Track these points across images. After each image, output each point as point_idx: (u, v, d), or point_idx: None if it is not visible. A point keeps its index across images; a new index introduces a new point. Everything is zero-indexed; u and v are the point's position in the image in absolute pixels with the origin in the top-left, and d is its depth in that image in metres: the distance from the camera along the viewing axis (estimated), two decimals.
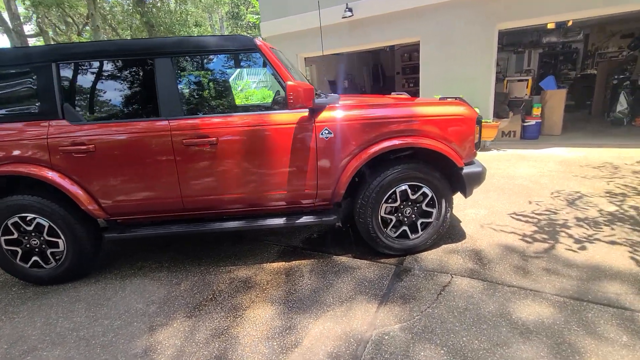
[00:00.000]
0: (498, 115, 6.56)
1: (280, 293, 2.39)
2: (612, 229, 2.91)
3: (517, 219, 3.24)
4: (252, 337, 1.99)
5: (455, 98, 2.67)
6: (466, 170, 2.61)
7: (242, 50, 2.52)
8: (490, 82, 6.06)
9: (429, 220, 2.72)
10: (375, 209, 2.61)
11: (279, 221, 2.65)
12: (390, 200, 2.64)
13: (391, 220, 2.68)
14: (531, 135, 6.63)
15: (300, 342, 1.92)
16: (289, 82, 2.24)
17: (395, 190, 2.60)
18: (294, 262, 2.80)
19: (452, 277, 2.40)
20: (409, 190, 2.62)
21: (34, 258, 2.62)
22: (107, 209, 2.59)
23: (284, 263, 2.79)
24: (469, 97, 6.27)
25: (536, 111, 6.54)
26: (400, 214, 2.68)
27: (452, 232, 3.10)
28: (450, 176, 2.67)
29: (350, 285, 2.41)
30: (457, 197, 2.85)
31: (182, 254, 3.07)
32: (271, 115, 2.51)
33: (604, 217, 3.14)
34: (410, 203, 2.67)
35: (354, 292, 2.32)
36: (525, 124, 6.61)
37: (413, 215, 2.70)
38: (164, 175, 2.53)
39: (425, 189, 2.63)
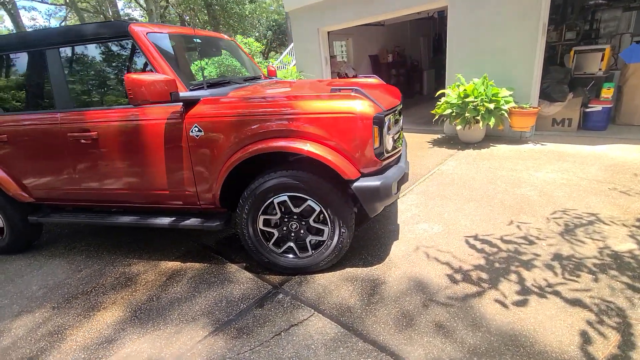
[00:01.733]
0: (550, 97, 5.11)
1: (144, 298, 2.29)
2: (595, 280, 2.01)
3: (471, 246, 2.49)
4: (73, 343, 1.95)
5: (352, 90, 2.05)
6: (358, 183, 2.04)
7: (115, 38, 2.33)
8: (533, 54, 4.68)
9: (321, 238, 2.26)
10: (253, 220, 2.26)
11: (165, 221, 2.51)
12: (269, 212, 2.25)
13: (273, 234, 2.30)
14: (595, 125, 5.03)
15: None
16: (132, 75, 1.98)
17: (273, 201, 2.20)
18: (188, 264, 2.66)
19: (314, 314, 1.96)
20: (289, 202, 2.19)
21: None
22: (31, 193, 2.80)
23: (178, 264, 2.68)
24: (501, 72, 5.01)
25: (606, 93, 4.88)
26: (284, 228, 2.28)
27: (376, 250, 2.55)
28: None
29: (209, 302, 2.18)
30: (417, 207, 2.28)
31: (113, 240, 3.20)
32: (145, 109, 2.31)
33: (599, 259, 2.19)
34: (296, 217, 2.24)
35: (203, 312, 2.09)
36: (588, 109, 5.02)
37: (301, 231, 2.27)
38: (61, 166, 2.60)
39: (311, 202, 2.16)
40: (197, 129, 2.20)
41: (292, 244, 2.30)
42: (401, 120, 2.65)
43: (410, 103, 9.19)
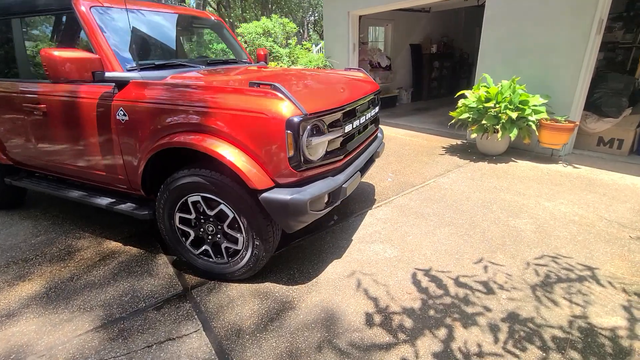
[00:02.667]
0: (600, 110, 4.22)
1: (67, 276, 2.30)
2: (541, 354, 1.56)
3: (416, 282, 2.11)
4: None
5: (271, 86, 1.73)
6: (267, 194, 1.78)
7: (61, 10, 2.26)
8: (582, 56, 3.84)
9: (236, 247, 2.05)
10: (169, 216, 2.12)
11: (104, 202, 2.48)
12: (185, 210, 2.08)
13: (189, 233, 2.14)
14: None
15: None
16: (48, 50, 1.88)
17: (187, 200, 2.03)
18: (127, 247, 2.63)
19: (199, 330, 1.79)
20: (202, 204, 2.00)
21: None
22: (8, 156, 2.95)
23: (119, 245, 2.66)
24: (539, 76, 4.21)
25: None
26: (201, 229, 2.11)
27: (309, 267, 2.28)
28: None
29: (117, 293, 2.11)
30: (384, 223, 2.00)
31: (83, 212, 3.29)
32: (82, 87, 2.24)
33: (565, 331, 1.70)
34: (212, 219, 2.05)
35: (104, 303, 2.02)
36: None
37: (218, 236, 2.08)
38: (24, 134, 2.67)
39: (224, 207, 1.95)
40: (122, 113, 2.08)
41: (208, 248, 2.13)
42: (361, 122, 2.30)
43: (448, 101, 8.36)
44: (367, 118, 2.45)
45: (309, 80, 2.46)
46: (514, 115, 3.80)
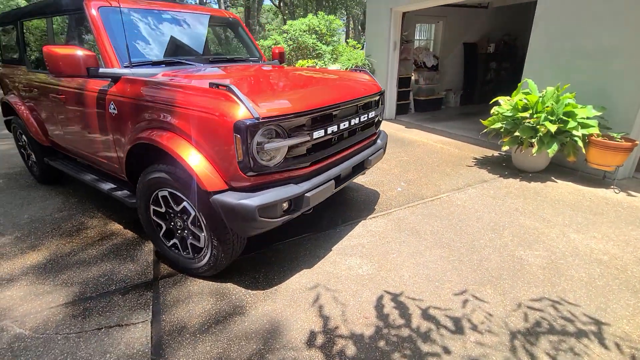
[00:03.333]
0: None
1: (67, 251, 2.54)
2: None
3: (379, 306, 1.93)
4: None
5: (226, 87, 1.66)
6: (217, 196, 1.75)
7: (76, 11, 2.47)
8: None
9: (199, 245, 2.07)
10: (145, 207, 2.22)
11: (106, 187, 2.70)
12: (157, 204, 2.16)
13: (162, 226, 2.21)
14: None
15: None
16: (49, 47, 2.07)
17: (158, 194, 2.10)
18: (126, 231, 2.83)
19: (147, 321, 1.84)
20: (169, 199, 2.05)
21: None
22: (47, 139, 3.37)
23: (120, 228, 2.87)
24: (595, 83, 3.57)
25: None
26: (171, 223, 2.17)
27: (276, 273, 2.23)
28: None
29: (98, 273, 2.27)
30: (372, 236, 1.94)
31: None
32: (88, 81, 2.43)
33: None
34: (179, 215, 2.09)
35: (83, 281, 2.19)
36: None
37: (185, 231, 2.12)
38: (53, 120, 3.02)
39: (186, 204, 1.98)
40: (112, 106, 2.23)
41: (177, 241, 2.20)
42: (343, 127, 2.16)
43: None
44: (353, 123, 2.30)
45: (290, 82, 2.38)
46: (553, 128, 3.28)
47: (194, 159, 1.76)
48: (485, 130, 4.07)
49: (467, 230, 2.72)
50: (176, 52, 2.73)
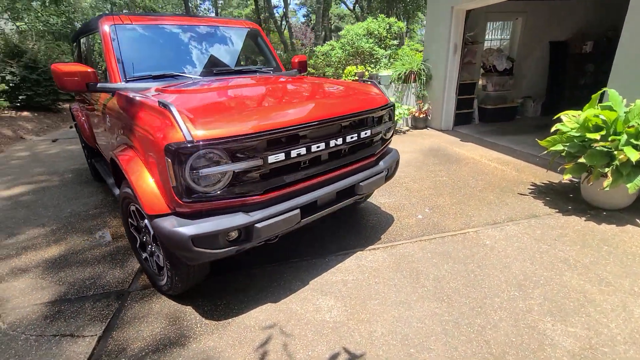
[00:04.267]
0: None
1: (82, 247, 2.78)
2: None
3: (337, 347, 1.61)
4: (33, 256, 2.64)
5: (166, 105, 1.51)
6: (156, 221, 1.65)
7: (96, 30, 2.65)
8: None
9: (160, 263, 2.02)
10: (125, 221, 2.27)
11: (116, 192, 2.86)
12: (131, 216, 2.17)
13: (136, 238, 2.23)
14: None
15: None
16: (55, 64, 2.24)
17: (129, 207, 2.11)
18: None
19: (95, 336, 1.84)
20: (137, 214, 2.04)
21: None
22: (94, 143, 3.80)
23: None
24: None
25: None
26: (144, 237, 2.16)
27: (236, 304, 2.06)
28: None
29: (88, 275, 2.41)
30: (361, 273, 1.78)
31: None
32: (100, 95, 2.61)
33: None
34: (144, 230, 2.07)
35: (73, 281, 2.34)
36: None
37: (151, 247, 2.10)
38: (90, 127, 3.37)
39: (147, 222, 1.94)
40: (107, 118, 2.34)
41: (147, 255, 2.19)
42: (318, 149, 1.90)
43: None
44: (335, 144, 2.00)
45: (267, 97, 2.17)
46: (635, 156, 2.43)
47: (141, 180, 1.70)
48: (544, 152, 3.27)
49: (483, 282, 2.17)
50: (183, 66, 2.77)
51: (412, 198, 3.47)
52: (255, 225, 1.71)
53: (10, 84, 7.57)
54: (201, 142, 1.52)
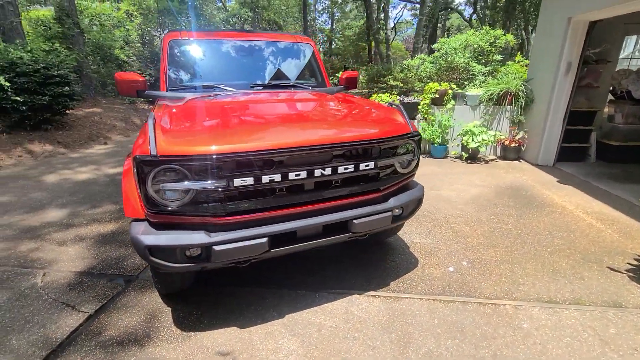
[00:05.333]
0: None
1: (124, 228, 3.22)
2: None
3: None
4: (69, 232, 3.21)
5: (149, 117, 1.51)
6: (132, 223, 1.73)
7: (165, 45, 3.01)
8: None
9: None
10: None
11: None
12: None
13: None
14: None
15: None
16: (120, 72, 2.61)
17: None
18: None
19: (86, 314, 2.05)
20: None
21: None
22: None
23: None
24: None
25: None
26: None
27: (208, 316, 2.05)
28: None
29: (114, 254, 2.75)
30: (336, 320, 1.79)
31: None
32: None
33: None
34: None
35: (98, 255, 2.71)
36: None
37: None
38: None
39: None
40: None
41: None
42: (297, 177, 1.74)
43: None
44: (321, 173, 1.79)
45: (268, 115, 2.11)
46: None
47: (128, 184, 1.82)
48: None
49: None
50: (227, 78, 2.93)
51: (454, 244, 2.92)
52: (213, 247, 1.66)
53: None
54: (162, 157, 1.55)
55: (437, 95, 5.81)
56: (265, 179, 1.69)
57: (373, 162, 1.93)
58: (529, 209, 3.65)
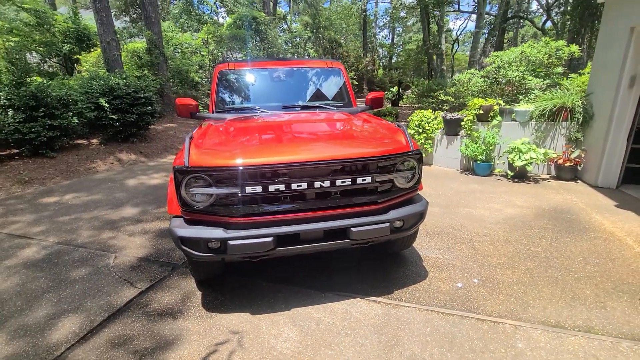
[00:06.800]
0: None
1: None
2: None
3: None
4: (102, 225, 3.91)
5: (188, 135, 1.94)
6: (172, 219, 2.20)
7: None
8: None
9: None
10: None
11: None
12: None
13: None
14: None
15: None
16: (179, 98, 3.23)
17: None
18: None
19: (135, 291, 2.58)
20: None
21: None
22: None
23: None
24: None
25: None
26: None
27: (226, 305, 2.42)
28: None
29: (168, 245, 3.33)
30: (334, 316, 2.20)
31: None
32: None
33: None
34: None
35: (156, 242, 3.30)
36: None
37: None
38: None
39: None
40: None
41: None
42: (299, 187, 2.05)
43: None
44: (320, 185, 2.07)
45: (281, 135, 2.45)
46: None
47: (171, 188, 2.31)
48: None
49: None
50: (264, 101, 3.40)
51: (471, 262, 2.92)
52: (229, 241, 2.04)
53: None
54: (193, 168, 1.99)
55: (481, 111, 5.66)
56: (271, 188, 2.04)
57: (370, 177, 2.16)
58: (568, 233, 3.42)
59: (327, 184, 2.10)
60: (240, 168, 2.00)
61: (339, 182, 2.11)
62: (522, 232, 3.48)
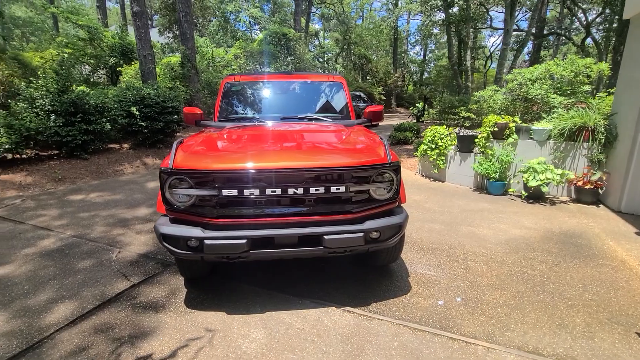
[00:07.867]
0: None
1: None
2: None
3: None
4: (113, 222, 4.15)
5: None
6: (159, 217, 2.36)
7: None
8: None
9: None
10: None
11: None
12: None
13: None
14: None
15: None
16: (186, 107, 3.47)
17: None
18: None
19: (127, 284, 2.75)
20: None
21: None
22: None
23: None
24: None
25: None
26: None
27: (206, 303, 2.53)
28: None
29: None
30: (305, 323, 2.32)
31: None
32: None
33: None
34: None
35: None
36: None
37: None
38: None
39: None
40: None
41: None
42: (274, 193, 2.14)
43: None
44: (294, 192, 2.14)
45: (265, 143, 2.57)
46: None
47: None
48: None
49: None
50: (264, 111, 3.57)
51: (459, 280, 2.83)
52: (205, 241, 2.15)
53: None
54: (176, 170, 2.15)
55: (496, 129, 5.50)
56: (246, 192, 2.15)
57: (344, 187, 2.21)
58: (573, 258, 3.21)
59: (300, 191, 2.17)
60: (218, 172, 2.13)
61: (312, 190, 2.18)
62: (523, 254, 3.32)
